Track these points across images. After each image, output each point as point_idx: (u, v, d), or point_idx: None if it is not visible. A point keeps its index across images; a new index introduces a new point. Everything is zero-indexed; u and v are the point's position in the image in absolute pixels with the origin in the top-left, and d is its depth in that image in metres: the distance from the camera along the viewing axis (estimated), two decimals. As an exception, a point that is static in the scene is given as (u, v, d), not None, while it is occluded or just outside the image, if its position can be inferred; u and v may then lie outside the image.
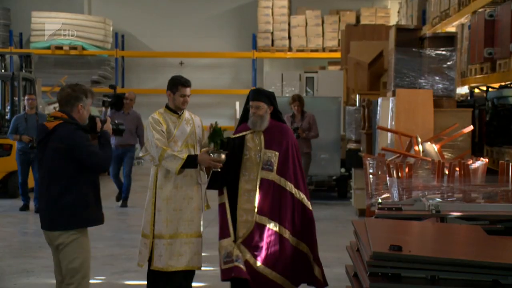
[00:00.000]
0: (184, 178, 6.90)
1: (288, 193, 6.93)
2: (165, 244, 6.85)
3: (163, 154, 6.71)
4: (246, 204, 6.91)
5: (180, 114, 7.03)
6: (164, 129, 6.87)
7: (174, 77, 7.23)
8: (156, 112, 7.08)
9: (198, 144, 7.11)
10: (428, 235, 6.06)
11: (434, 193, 7.43)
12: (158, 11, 23.03)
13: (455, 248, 5.66)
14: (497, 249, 5.57)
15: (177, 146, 6.90)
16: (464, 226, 6.28)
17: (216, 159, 6.68)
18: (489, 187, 7.62)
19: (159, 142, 6.75)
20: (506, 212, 6.72)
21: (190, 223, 6.95)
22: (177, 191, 6.91)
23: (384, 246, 5.23)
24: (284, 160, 6.95)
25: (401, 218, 6.62)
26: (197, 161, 6.76)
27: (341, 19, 21.43)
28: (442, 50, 10.20)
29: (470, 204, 7.13)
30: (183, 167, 6.71)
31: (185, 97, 7.02)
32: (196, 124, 7.17)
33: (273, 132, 7.03)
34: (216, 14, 23.15)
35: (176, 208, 6.90)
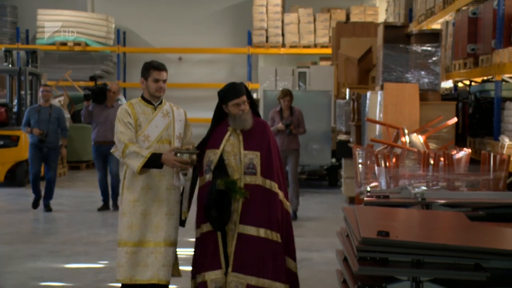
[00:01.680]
0: (155, 178, 5.86)
1: (275, 195, 5.90)
2: (128, 253, 5.79)
3: (125, 150, 5.68)
4: (233, 216, 5.80)
5: (155, 105, 5.98)
6: (132, 121, 5.82)
7: (146, 62, 6.16)
8: (127, 102, 6.08)
9: (177, 141, 5.97)
10: (414, 222, 6.09)
11: (419, 182, 7.45)
12: (158, 9, 23.01)
13: (439, 234, 5.68)
14: (479, 234, 5.60)
15: (148, 142, 5.85)
16: (447, 213, 6.31)
17: (183, 160, 5.63)
18: (472, 176, 7.64)
19: (123, 136, 5.73)
20: (488, 200, 6.75)
21: (159, 230, 5.84)
22: (146, 192, 5.85)
23: (372, 232, 5.26)
24: (267, 159, 5.92)
25: (389, 205, 6.65)
26: (161, 160, 5.66)
27: (332, 16, 21.42)
28: (428, 46, 10.22)
29: (453, 192, 7.16)
30: (145, 166, 5.65)
31: (158, 82, 5.90)
32: (177, 117, 6.05)
33: (251, 129, 5.96)
34: (213, 12, 23.14)
35: (144, 212, 5.84)
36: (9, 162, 14.37)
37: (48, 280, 7.74)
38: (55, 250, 9.12)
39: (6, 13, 21.85)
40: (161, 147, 5.86)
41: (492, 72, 9.32)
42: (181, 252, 8.61)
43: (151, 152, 5.67)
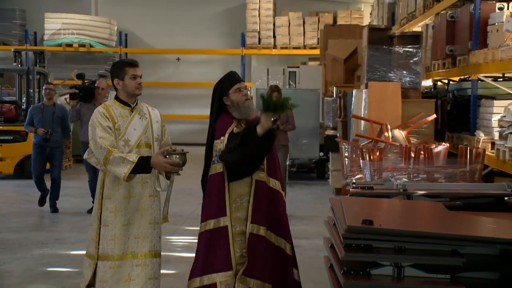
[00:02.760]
0: (137, 185, 5.12)
1: (280, 195, 5.37)
2: (113, 267, 5.06)
3: (108, 157, 4.88)
4: (238, 212, 5.15)
5: (132, 106, 5.22)
6: (111, 125, 5.05)
7: (115, 62, 5.51)
8: (102, 105, 5.27)
9: (156, 143, 5.26)
10: (396, 211, 6.10)
11: (401, 174, 7.47)
12: (157, 12, 22.99)
13: (419, 222, 5.70)
14: (456, 222, 5.62)
15: (129, 146, 5.08)
16: (427, 203, 6.32)
17: (174, 162, 4.93)
18: (450, 168, 7.66)
19: (104, 142, 4.93)
20: (464, 190, 6.77)
21: (144, 241, 5.12)
22: (128, 201, 5.10)
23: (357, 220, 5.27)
24: (272, 157, 5.33)
25: (373, 196, 6.66)
26: (150, 164, 4.94)
27: (320, 20, 21.42)
28: (409, 48, 10.22)
29: (433, 184, 7.18)
30: (133, 171, 4.88)
31: (136, 78, 5.16)
32: (154, 118, 5.32)
33: (254, 122, 5.27)
34: (209, 15, 23.11)
35: (126, 222, 5.10)
36: (18, 156, 14.35)
37: (55, 265, 7.75)
38: (61, 238, 9.12)
39: (15, 16, 21.80)
40: (141, 152, 5.10)
41: (469, 72, 9.34)
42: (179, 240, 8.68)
43: (138, 156, 4.93)
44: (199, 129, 21.54)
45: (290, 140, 11.46)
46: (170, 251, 7.88)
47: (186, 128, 22.32)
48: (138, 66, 5.24)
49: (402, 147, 8.03)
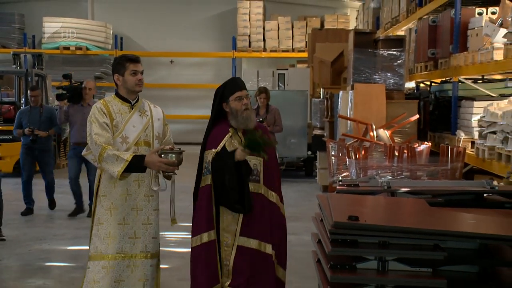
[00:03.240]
0: (134, 184, 4.82)
1: (276, 208, 5.03)
2: (106, 267, 4.73)
3: (102, 153, 4.61)
4: (230, 224, 4.83)
5: (133, 103, 4.91)
6: (108, 121, 4.75)
7: (117, 57, 5.16)
8: (101, 100, 4.96)
9: (156, 142, 4.95)
10: (381, 207, 6.11)
11: (386, 172, 7.48)
12: (151, 17, 22.95)
13: (402, 218, 5.71)
14: (438, 218, 5.63)
15: (127, 144, 4.77)
16: (410, 200, 6.33)
17: (169, 161, 4.62)
18: (432, 166, 7.68)
19: (99, 138, 4.66)
20: (446, 187, 6.79)
21: (136, 241, 4.82)
22: (125, 200, 4.80)
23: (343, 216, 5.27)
24: (269, 167, 4.94)
25: (358, 193, 6.67)
26: (144, 163, 4.63)
27: (308, 24, 21.44)
28: (393, 51, 10.24)
29: (415, 181, 7.19)
30: (126, 170, 4.60)
31: (137, 74, 4.85)
32: (155, 116, 5.00)
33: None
34: (201, 20, 23.10)
35: (122, 221, 4.80)
36: (17, 155, 14.20)
37: (52, 261, 7.73)
38: (59, 234, 9.09)
39: (14, 20, 21.73)
40: (140, 150, 4.80)
41: (450, 74, 9.37)
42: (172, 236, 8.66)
43: (133, 154, 4.63)
44: (192, 128, 21.55)
45: (279, 139, 11.44)
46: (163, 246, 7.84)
47: (179, 128, 22.24)
48: (139, 62, 4.91)
49: (386, 146, 8.05)
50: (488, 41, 8.03)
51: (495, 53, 7.63)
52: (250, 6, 21.78)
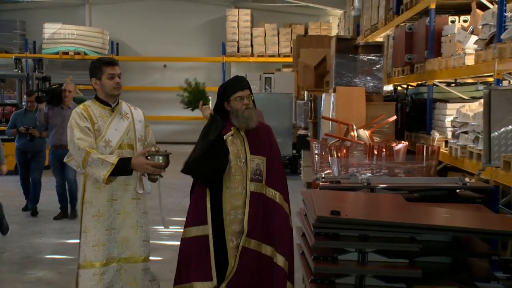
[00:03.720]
0: (120, 188, 4.51)
1: (280, 208, 4.71)
2: (97, 275, 4.44)
3: (87, 158, 4.28)
4: (233, 225, 4.52)
5: (113, 106, 4.58)
6: (90, 125, 4.41)
7: (93, 60, 4.71)
8: (81, 105, 4.58)
9: (139, 144, 4.61)
10: (361, 203, 6.12)
11: (365, 169, 7.49)
12: (146, 24, 22.89)
13: (381, 213, 5.73)
14: (414, 213, 5.66)
15: (110, 147, 4.45)
16: (388, 195, 6.35)
17: (156, 164, 4.35)
18: (408, 164, 7.70)
19: (82, 143, 4.32)
20: (421, 184, 6.82)
21: (124, 245, 4.52)
22: (111, 204, 4.49)
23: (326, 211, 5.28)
24: (272, 167, 4.66)
25: (340, 189, 6.68)
26: (131, 165, 4.35)
27: (293, 31, 21.45)
28: (372, 56, 10.25)
29: (393, 178, 7.22)
30: (113, 174, 4.30)
31: (114, 78, 4.52)
32: (136, 118, 4.67)
33: (256, 131, 4.64)
34: (193, 26, 23.06)
35: (109, 226, 4.49)
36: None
37: (52, 253, 7.72)
38: (58, 228, 9.06)
39: (16, 26, 21.60)
40: (124, 153, 4.49)
41: (425, 78, 9.40)
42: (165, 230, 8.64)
43: (118, 157, 4.34)
44: (183, 129, 21.53)
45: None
46: (157, 240, 7.85)
47: (171, 129, 22.26)
48: (116, 64, 4.57)
49: (366, 145, 8.06)
50: (460, 47, 8.07)
51: (466, 58, 7.66)
52: (239, 14, 21.79)
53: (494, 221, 5.69)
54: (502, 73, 6.72)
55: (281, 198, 4.65)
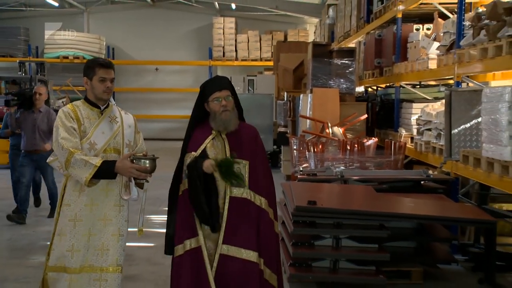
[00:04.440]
0: (101, 193, 3.90)
1: (264, 213, 3.92)
2: (69, 281, 3.86)
3: (69, 158, 3.75)
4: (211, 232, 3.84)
5: (102, 108, 4.00)
6: (76, 126, 3.86)
7: (89, 60, 4.20)
8: (69, 105, 4.03)
9: (127, 149, 4.01)
10: (335, 193, 6.15)
11: (339, 163, 7.52)
12: (139, 30, 22.74)
13: (353, 202, 5.76)
14: (383, 202, 5.69)
15: (94, 150, 3.88)
16: (360, 186, 6.39)
17: (141, 168, 3.78)
18: (378, 158, 7.74)
19: (66, 143, 3.78)
20: (389, 176, 6.86)
21: (105, 254, 3.88)
22: (91, 209, 3.88)
23: (303, 201, 5.30)
24: (256, 170, 3.93)
25: (316, 181, 6.71)
26: (115, 168, 3.78)
27: (273, 37, 21.40)
28: (345, 60, 10.28)
29: (364, 171, 7.26)
30: (95, 176, 3.75)
31: (105, 82, 3.92)
32: (126, 123, 4.06)
33: (239, 134, 3.96)
34: (182, 33, 22.97)
35: (87, 232, 3.87)
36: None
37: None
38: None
39: (20, 33, 21.42)
40: (109, 157, 3.90)
41: (393, 80, 9.45)
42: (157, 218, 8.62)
43: (102, 160, 3.79)
44: (175, 126, 21.42)
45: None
46: (150, 228, 7.82)
47: (163, 126, 22.17)
48: (111, 68, 3.97)
49: (340, 141, 8.09)
50: (424, 53, 8.12)
51: (430, 62, 7.71)
52: (224, 22, 21.74)
53: (454, 209, 5.75)
54: (461, 76, 6.77)
55: (266, 203, 3.92)
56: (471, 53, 6.15)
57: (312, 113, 9.67)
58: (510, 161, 4.86)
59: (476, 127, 6.32)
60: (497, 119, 5.09)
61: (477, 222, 5.66)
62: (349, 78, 10.26)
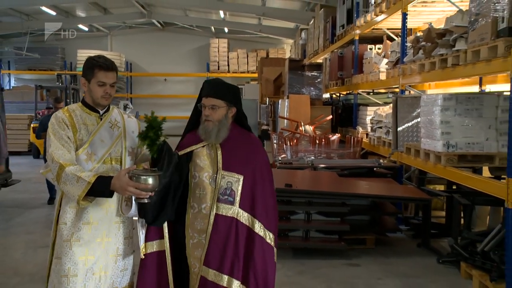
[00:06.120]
0: (101, 209, 2.69)
1: (257, 237, 2.66)
2: None
3: (60, 173, 2.54)
4: (196, 250, 2.69)
5: (101, 113, 2.77)
6: (70, 134, 2.67)
7: (90, 57, 2.80)
8: (64, 109, 2.77)
9: (129, 158, 2.78)
10: (307, 178, 6.18)
11: (310, 154, 7.55)
12: (151, 49, 22.63)
13: (321, 184, 5.80)
14: (344, 185, 5.73)
15: (93, 162, 2.68)
16: (326, 172, 6.42)
17: (141, 186, 2.45)
18: (340, 150, 7.78)
19: (58, 154, 2.58)
20: (349, 164, 6.90)
21: (102, 278, 2.71)
22: (89, 229, 2.69)
23: (282, 184, 5.32)
24: (252, 187, 2.70)
25: (292, 168, 6.73)
26: (111, 186, 2.50)
27: (258, 54, 21.37)
28: (315, 73, 10.30)
29: (330, 160, 7.29)
30: (90, 194, 2.52)
31: (105, 86, 2.69)
32: (129, 128, 2.83)
33: (236, 145, 2.76)
34: (185, 51, 22.87)
35: (84, 254, 2.68)
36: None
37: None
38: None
39: (58, 51, 21.37)
40: (110, 169, 2.68)
41: (352, 88, 9.49)
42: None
43: (97, 175, 2.52)
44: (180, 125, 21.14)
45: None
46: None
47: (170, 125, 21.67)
48: (112, 70, 2.70)
49: (310, 137, 8.11)
50: (376, 67, 8.16)
51: (380, 75, 7.75)
52: (219, 42, 21.71)
53: (399, 190, 5.80)
54: (404, 86, 6.82)
55: (261, 227, 2.66)
56: (412, 67, 6.19)
57: (288, 114, 9.69)
58: (442, 152, 4.92)
59: (416, 126, 6.37)
60: (432, 119, 5.14)
61: (416, 200, 5.73)
62: (318, 87, 10.29)
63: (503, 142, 4.72)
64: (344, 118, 10.29)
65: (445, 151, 4.88)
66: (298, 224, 5.47)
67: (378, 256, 5.39)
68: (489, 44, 4.21)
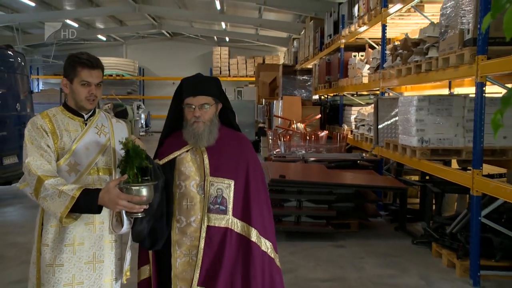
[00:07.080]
0: (89, 227, 1.97)
1: (254, 246, 2.00)
2: None
3: (38, 187, 1.80)
4: (184, 271, 2.00)
5: (86, 117, 2.05)
6: (50, 142, 1.92)
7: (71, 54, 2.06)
8: (42, 113, 2.01)
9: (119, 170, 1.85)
10: (298, 169, 6.20)
11: (301, 149, 7.57)
12: (162, 55, 22.62)
13: (311, 175, 5.82)
14: (332, 175, 5.75)
15: (76, 173, 1.95)
16: (316, 165, 6.44)
17: (134, 198, 1.75)
18: (328, 145, 7.79)
19: (35, 166, 1.84)
20: (336, 158, 6.92)
21: None
22: (73, 251, 1.93)
23: (276, 175, 5.34)
24: (245, 192, 2.05)
25: (285, 161, 6.75)
26: (98, 200, 1.76)
27: (255, 60, 21.34)
28: (305, 77, 10.32)
29: (319, 154, 7.31)
30: (74, 210, 1.77)
31: (90, 87, 1.99)
32: (118, 133, 2.09)
33: (223, 146, 2.07)
34: (191, 58, 22.86)
35: (70, 281, 1.92)
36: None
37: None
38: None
39: (77, 58, 21.29)
40: (97, 180, 2.01)
41: (338, 91, 9.49)
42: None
43: (82, 188, 1.84)
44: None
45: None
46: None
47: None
48: (98, 68, 2.08)
49: (301, 133, 8.13)
50: (359, 72, 8.17)
51: (363, 79, 7.76)
52: (220, 50, 21.70)
53: (380, 180, 5.83)
54: (384, 88, 6.84)
55: (256, 234, 2.06)
56: (390, 72, 6.20)
57: (282, 113, 9.70)
58: (417, 146, 4.95)
59: (395, 124, 6.39)
60: (408, 118, 5.16)
61: (394, 188, 5.76)
62: (308, 89, 10.30)
63: (469, 138, 4.75)
64: (331, 117, 10.31)
65: (420, 146, 4.91)
66: (290, 210, 5.49)
67: (361, 238, 5.42)
68: (457, 52, 4.25)
